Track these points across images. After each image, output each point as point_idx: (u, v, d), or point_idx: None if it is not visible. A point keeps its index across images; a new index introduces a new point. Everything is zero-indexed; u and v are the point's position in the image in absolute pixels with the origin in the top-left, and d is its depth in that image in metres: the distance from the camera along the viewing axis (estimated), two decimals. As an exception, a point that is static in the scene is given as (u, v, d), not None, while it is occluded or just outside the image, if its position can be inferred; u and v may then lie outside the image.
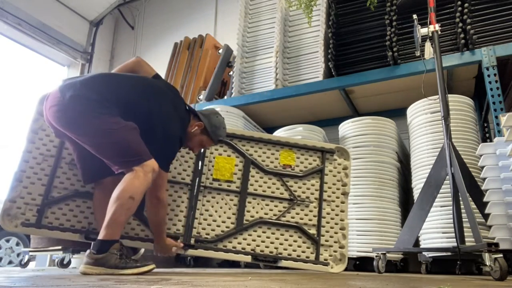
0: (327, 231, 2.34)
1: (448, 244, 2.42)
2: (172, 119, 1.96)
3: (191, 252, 2.20)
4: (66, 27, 5.74)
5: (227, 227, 2.30)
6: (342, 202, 2.41)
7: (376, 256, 2.30)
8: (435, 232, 2.60)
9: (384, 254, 2.31)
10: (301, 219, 2.35)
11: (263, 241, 2.29)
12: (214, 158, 2.40)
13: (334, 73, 3.47)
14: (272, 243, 2.29)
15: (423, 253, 2.65)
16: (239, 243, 2.27)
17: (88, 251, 1.75)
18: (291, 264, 2.25)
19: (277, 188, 2.41)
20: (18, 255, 4.60)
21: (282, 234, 2.32)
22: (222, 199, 2.35)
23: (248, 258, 2.24)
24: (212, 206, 2.32)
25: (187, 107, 2.13)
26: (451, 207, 2.15)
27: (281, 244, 2.29)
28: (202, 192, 2.33)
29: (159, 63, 5.59)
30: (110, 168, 1.86)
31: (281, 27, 3.84)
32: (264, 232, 2.31)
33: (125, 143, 1.78)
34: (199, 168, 2.36)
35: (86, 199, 2.14)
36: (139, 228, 2.21)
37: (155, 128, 1.89)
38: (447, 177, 2.18)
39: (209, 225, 2.28)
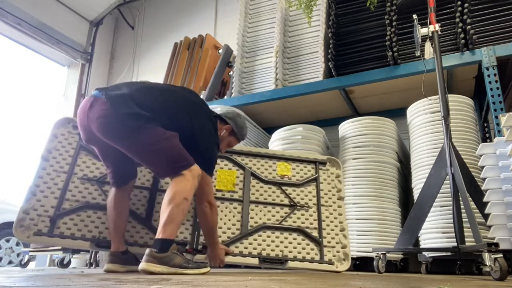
0: (328, 233, 2.42)
1: (448, 244, 2.42)
2: (211, 128, 2.12)
3: (199, 257, 2.24)
4: (66, 27, 5.73)
5: (232, 233, 2.36)
6: (339, 206, 2.55)
7: (376, 256, 2.30)
8: (435, 232, 2.60)
9: (384, 254, 2.31)
10: (303, 223, 2.45)
11: (268, 245, 2.35)
12: (216, 171, 2.48)
13: (334, 73, 3.47)
14: (277, 246, 2.36)
15: (423, 253, 2.65)
16: (246, 248, 2.33)
17: (148, 249, 1.79)
18: (298, 265, 2.30)
19: (277, 196, 2.52)
20: (18, 255, 4.61)
21: (286, 238, 2.39)
22: (226, 208, 2.43)
23: (255, 261, 2.29)
24: (217, 215, 2.35)
25: (213, 113, 2.28)
26: (451, 207, 2.15)
27: (286, 247, 2.36)
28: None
29: (159, 63, 5.61)
30: (135, 172, 2.06)
31: (281, 27, 3.84)
32: (268, 236, 2.38)
33: (173, 150, 1.89)
34: None
35: (96, 210, 2.23)
36: (148, 236, 2.26)
37: (198, 138, 2.03)
38: (447, 177, 2.18)
39: None
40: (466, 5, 3.05)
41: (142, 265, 1.76)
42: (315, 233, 2.42)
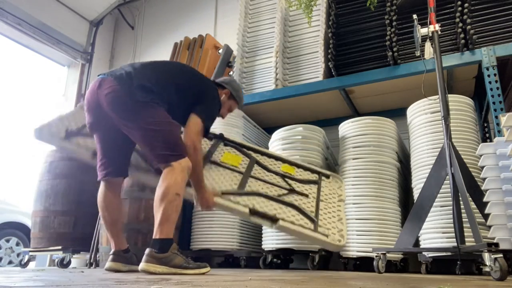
0: (324, 218, 2.40)
1: (448, 244, 2.42)
2: (211, 86, 2.26)
3: (190, 190, 2.13)
4: (66, 27, 5.73)
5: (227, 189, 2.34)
6: (339, 206, 2.56)
7: (376, 256, 2.30)
8: (435, 232, 2.60)
9: (384, 254, 2.31)
10: (299, 205, 2.41)
11: (261, 207, 2.27)
12: (223, 152, 2.58)
13: (334, 73, 3.46)
14: (270, 210, 2.27)
15: (423, 253, 2.65)
16: (238, 202, 2.25)
17: (148, 249, 1.80)
18: (290, 226, 2.21)
19: (278, 182, 2.55)
20: (18, 255, 4.61)
21: (280, 207, 2.32)
22: (226, 174, 2.44)
23: (245, 210, 2.20)
24: (216, 176, 2.39)
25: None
26: (451, 207, 2.15)
27: (279, 213, 2.27)
28: (209, 165, 2.43)
29: (159, 63, 5.59)
30: (126, 170, 2.12)
31: (281, 27, 3.84)
32: (263, 202, 2.31)
33: (171, 137, 1.95)
34: (209, 149, 2.55)
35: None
36: (144, 163, 2.28)
37: (204, 99, 2.14)
38: (447, 177, 2.18)
39: (211, 184, 2.30)
40: (466, 5, 3.05)
41: (142, 266, 1.76)
42: (311, 215, 2.35)
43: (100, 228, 3.20)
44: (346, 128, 3.24)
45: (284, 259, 3.27)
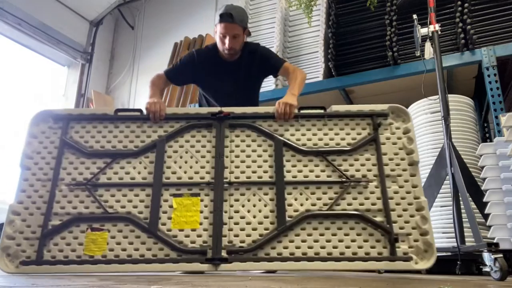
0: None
1: (448, 244, 2.42)
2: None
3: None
4: (66, 27, 5.73)
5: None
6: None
7: (376, 256, 2.30)
8: (435, 232, 2.59)
9: (384, 254, 2.30)
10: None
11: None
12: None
13: (334, 73, 3.47)
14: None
15: (423, 253, 2.65)
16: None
17: None
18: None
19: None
20: (18, 255, 4.60)
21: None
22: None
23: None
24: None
25: None
26: (451, 207, 2.15)
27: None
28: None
29: (159, 63, 5.60)
30: None
31: (281, 27, 3.84)
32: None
33: None
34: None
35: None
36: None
37: None
38: (447, 177, 2.18)
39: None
40: (466, 5, 3.05)
41: None
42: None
43: (100, 228, 3.20)
44: (346, 128, 3.24)
45: (284, 259, 3.26)
